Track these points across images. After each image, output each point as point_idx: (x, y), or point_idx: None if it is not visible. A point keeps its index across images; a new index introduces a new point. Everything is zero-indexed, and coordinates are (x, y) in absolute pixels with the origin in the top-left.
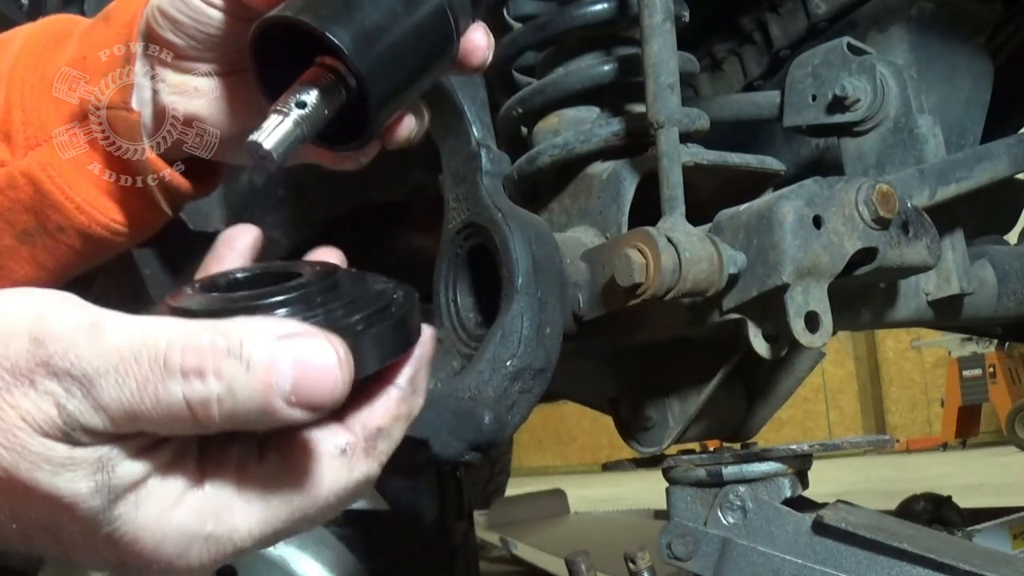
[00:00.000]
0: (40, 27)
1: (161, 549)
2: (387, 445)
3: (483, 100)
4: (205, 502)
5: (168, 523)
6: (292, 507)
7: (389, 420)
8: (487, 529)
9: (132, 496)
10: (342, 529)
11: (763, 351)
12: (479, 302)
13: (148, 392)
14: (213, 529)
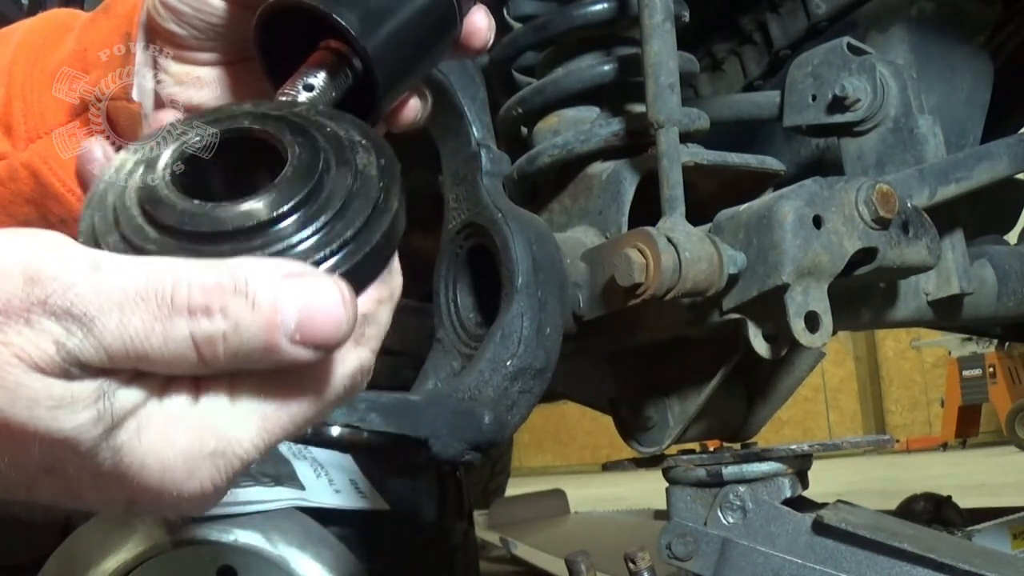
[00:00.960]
0: (40, 21)
1: (168, 474)
2: (375, 330)
3: (483, 100)
4: (203, 420)
5: (171, 446)
6: (290, 411)
7: (372, 304)
8: (487, 529)
9: (132, 422)
10: (342, 529)
11: (763, 351)
12: (479, 302)
13: (155, 331)
14: (216, 445)
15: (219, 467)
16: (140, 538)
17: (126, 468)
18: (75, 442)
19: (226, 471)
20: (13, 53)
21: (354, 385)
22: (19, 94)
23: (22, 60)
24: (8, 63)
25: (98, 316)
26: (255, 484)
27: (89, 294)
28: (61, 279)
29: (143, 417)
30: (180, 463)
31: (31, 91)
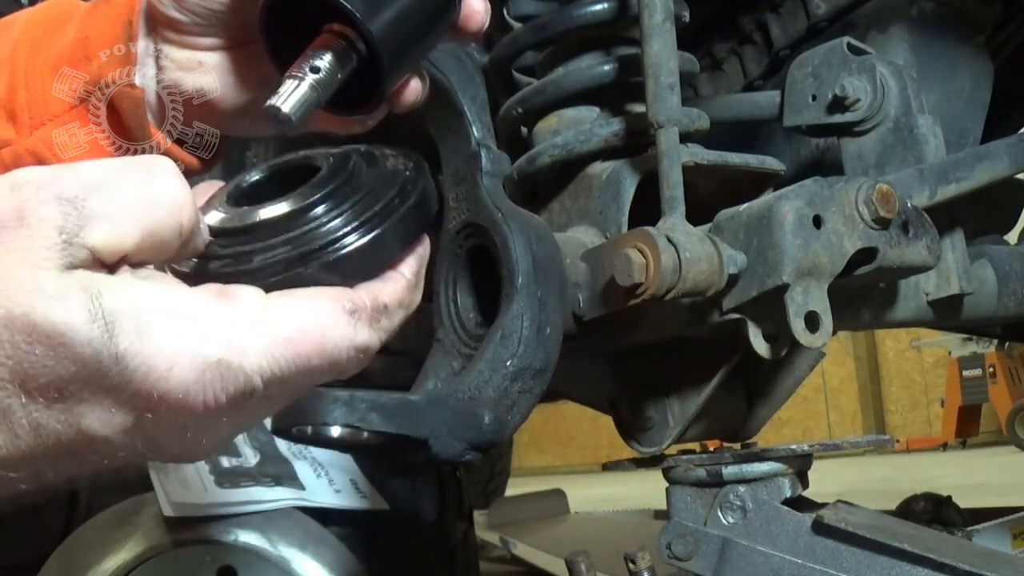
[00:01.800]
0: (39, 11)
1: (176, 375)
2: (388, 323)
3: (483, 100)
4: (212, 326)
5: (177, 345)
6: (298, 349)
7: (394, 302)
8: (487, 529)
9: (130, 326)
10: (342, 529)
11: (763, 351)
12: (479, 302)
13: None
14: (224, 354)
15: (224, 378)
16: (140, 538)
17: (132, 372)
18: (76, 345)
19: (231, 385)
20: (15, 42)
21: (358, 361)
22: (22, 82)
23: (24, 48)
24: (10, 52)
25: (88, 195)
26: (255, 484)
27: (72, 180)
28: (41, 177)
29: (142, 320)
30: (187, 364)
31: (34, 79)
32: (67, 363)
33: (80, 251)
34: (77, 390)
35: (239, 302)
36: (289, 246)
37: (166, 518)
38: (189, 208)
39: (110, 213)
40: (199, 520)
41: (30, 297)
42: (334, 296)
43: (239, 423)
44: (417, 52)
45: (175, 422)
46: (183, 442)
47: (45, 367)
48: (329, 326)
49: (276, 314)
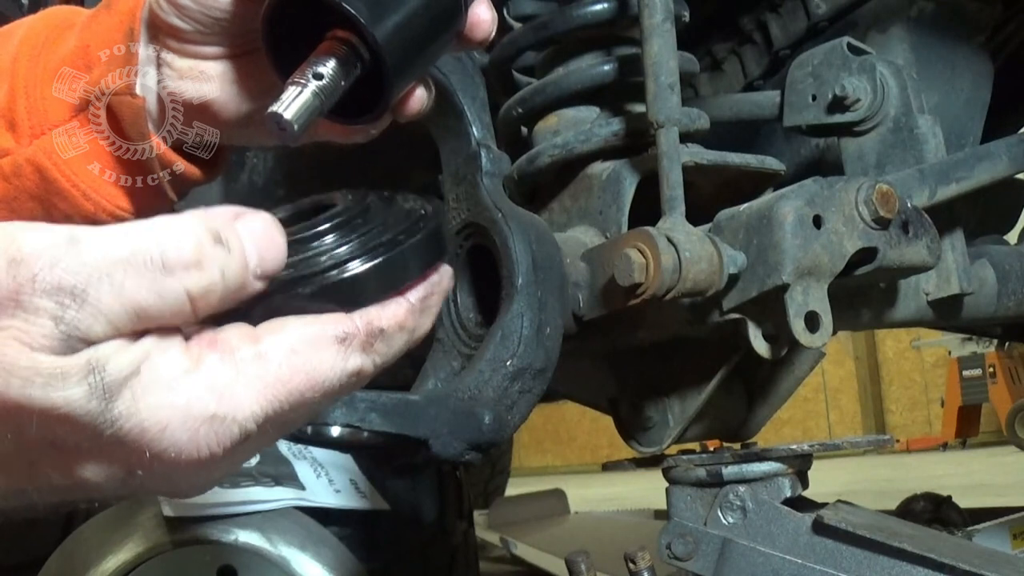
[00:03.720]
0: (42, 17)
1: (168, 436)
2: (385, 348)
3: (483, 100)
4: (203, 383)
5: (169, 407)
6: (290, 387)
7: (393, 326)
8: (487, 529)
9: (127, 392)
10: (342, 529)
11: (763, 351)
12: (479, 302)
13: (151, 289)
14: (216, 409)
15: (218, 432)
16: (140, 538)
17: (126, 434)
18: (71, 416)
19: (225, 438)
20: (16, 50)
21: (350, 385)
22: (22, 91)
23: (25, 57)
24: (11, 60)
25: (88, 286)
26: (255, 484)
27: (75, 266)
28: (43, 256)
29: (138, 385)
30: (179, 424)
31: (34, 88)
32: (64, 433)
33: (78, 343)
34: (72, 445)
35: (229, 351)
36: (291, 269)
37: (166, 518)
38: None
39: (111, 309)
40: (199, 520)
41: (27, 376)
42: (323, 324)
43: (233, 466)
44: (423, 60)
45: (167, 475)
46: (179, 488)
47: (42, 437)
48: (319, 359)
49: (265, 356)
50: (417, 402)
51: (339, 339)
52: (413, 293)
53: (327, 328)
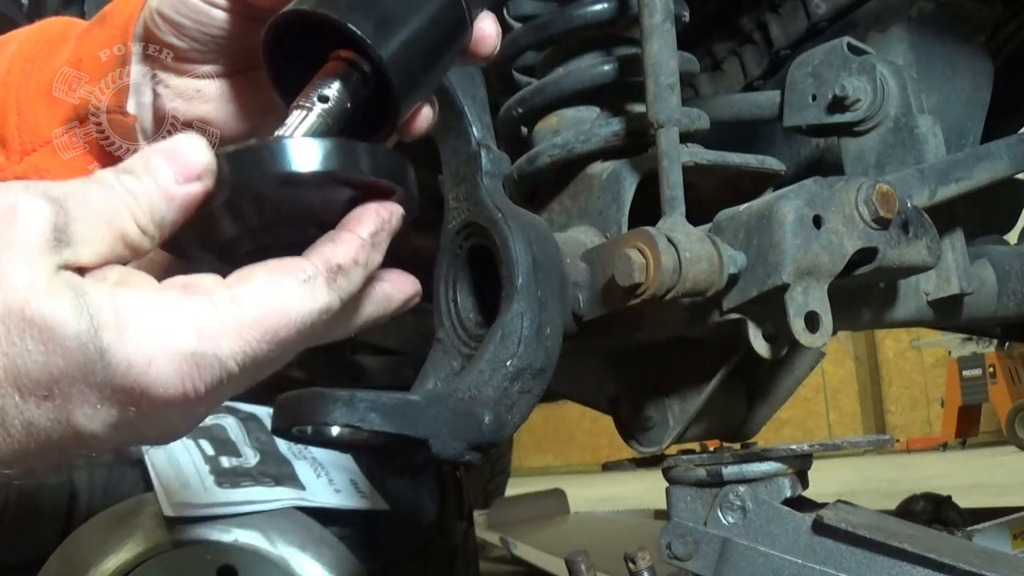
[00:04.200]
0: (36, 30)
1: (154, 370)
2: (346, 283)
3: (483, 100)
4: (184, 319)
5: (153, 341)
6: (265, 326)
7: (348, 261)
8: (487, 529)
9: (112, 321)
10: (342, 529)
11: (763, 351)
12: (479, 302)
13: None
14: (196, 346)
15: (200, 369)
16: (140, 538)
17: (115, 368)
18: (65, 339)
19: (207, 375)
20: (8, 63)
21: (322, 324)
22: (14, 106)
23: (17, 71)
24: (3, 74)
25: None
26: (255, 484)
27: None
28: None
29: (121, 320)
30: (163, 359)
31: (26, 104)
32: (56, 358)
33: (67, 249)
34: (66, 386)
35: (205, 293)
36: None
37: (166, 518)
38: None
39: (82, 218)
40: (199, 520)
41: (24, 292)
42: (287, 269)
43: (213, 406)
44: (429, 79)
45: (157, 414)
46: (164, 429)
47: (36, 362)
48: (290, 298)
49: (240, 299)
50: (417, 402)
51: (303, 279)
52: (362, 228)
53: (292, 271)
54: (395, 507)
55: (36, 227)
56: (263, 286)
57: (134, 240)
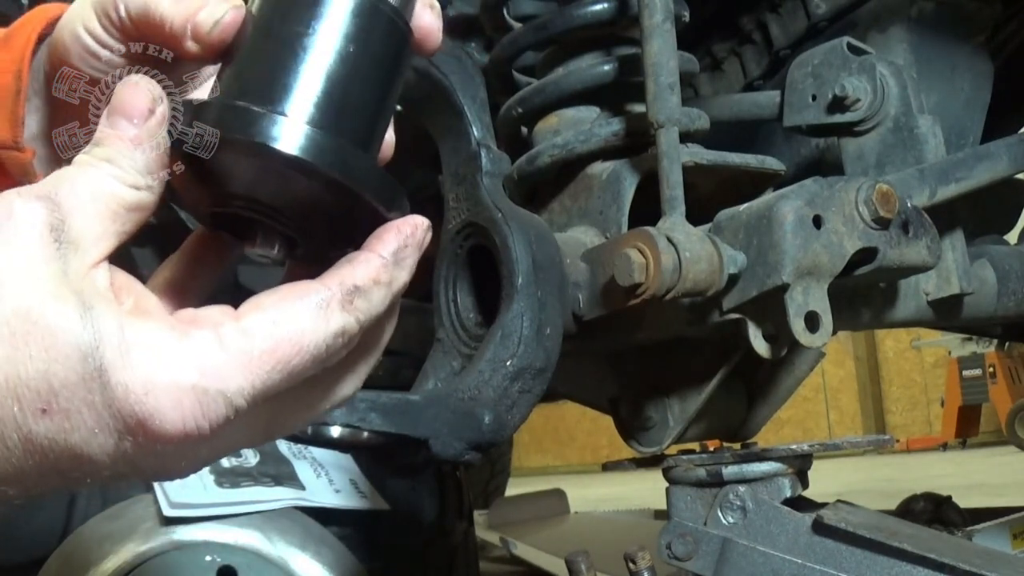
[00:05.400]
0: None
1: (152, 401)
2: (365, 304)
3: (483, 100)
4: (187, 353)
5: (153, 370)
6: (277, 357)
7: (368, 282)
8: (487, 529)
9: (114, 342)
10: (342, 529)
11: (763, 351)
12: (479, 302)
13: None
14: (199, 380)
15: (203, 404)
16: (140, 538)
17: (112, 391)
18: (66, 348)
19: (211, 412)
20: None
21: (336, 348)
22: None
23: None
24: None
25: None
26: (255, 484)
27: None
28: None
29: (124, 344)
30: (162, 391)
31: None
32: (57, 366)
33: (70, 250)
34: (64, 401)
35: (211, 327)
36: None
37: (166, 518)
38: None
39: (75, 206)
40: (199, 520)
41: (32, 297)
42: (300, 293)
43: (223, 446)
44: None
45: (155, 449)
46: (163, 466)
47: (37, 370)
48: (302, 325)
49: (248, 330)
50: (417, 402)
51: (317, 303)
52: (384, 248)
53: (304, 295)
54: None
55: (36, 231)
56: (273, 314)
57: (132, 200)
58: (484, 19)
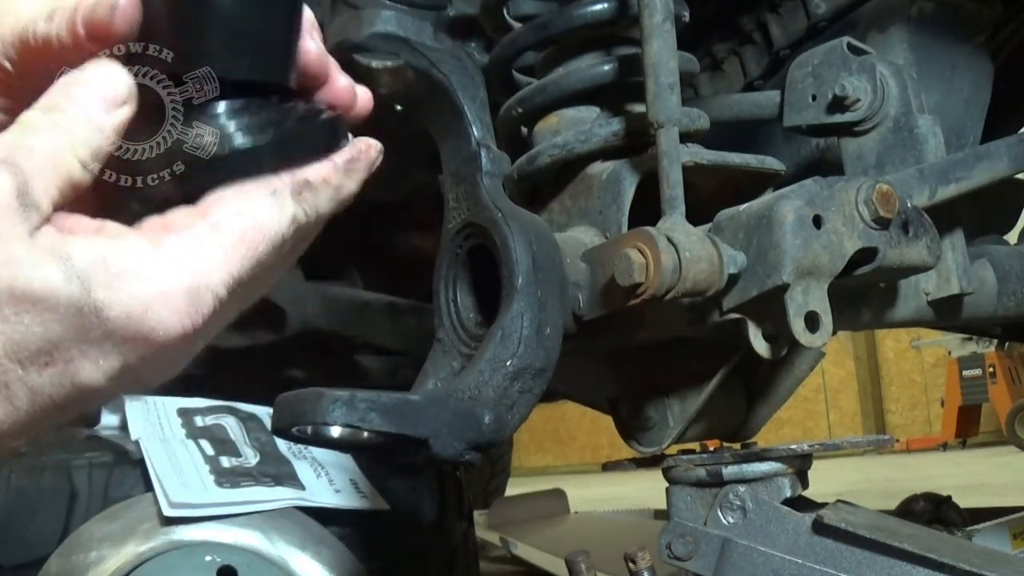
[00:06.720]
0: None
1: (153, 315)
2: (313, 198)
3: (483, 100)
4: (170, 259)
5: (146, 287)
6: (246, 246)
7: (318, 179)
8: (487, 529)
9: (102, 279)
10: (342, 529)
11: (763, 351)
12: (479, 302)
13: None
14: (190, 281)
15: (195, 303)
16: (140, 538)
17: (113, 323)
18: (58, 304)
19: (203, 307)
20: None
21: (292, 235)
22: None
23: None
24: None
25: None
26: (255, 484)
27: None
28: None
29: (111, 274)
30: (160, 303)
31: None
32: (54, 325)
33: (33, 211)
34: (66, 349)
35: (184, 227)
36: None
37: (166, 518)
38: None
39: (34, 171)
40: (199, 520)
41: (8, 269)
42: (254, 185)
43: (211, 334)
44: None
45: (159, 355)
46: (165, 370)
47: (34, 333)
48: (261, 212)
49: (217, 224)
50: (417, 402)
51: (270, 192)
52: (338, 155)
53: (259, 186)
54: (395, 507)
55: (4, 200)
56: (235, 205)
57: (78, 178)
58: (484, 19)
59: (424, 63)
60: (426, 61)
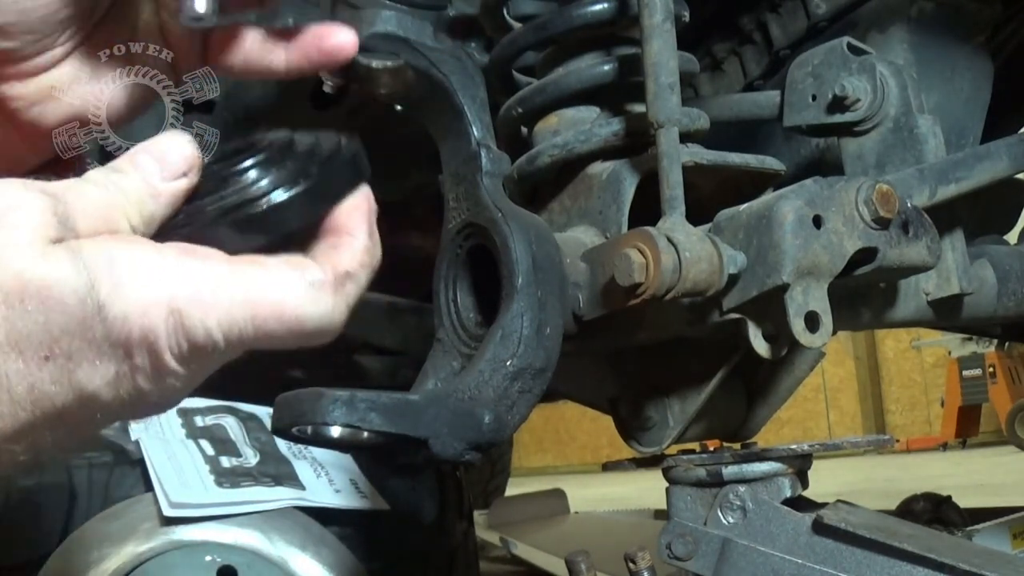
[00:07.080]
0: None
1: (148, 324)
2: (354, 288)
3: (483, 100)
4: (179, 279)
5: (148, 296)
6: (255, 312)
7: (356, 266)
8: (487, 529)
9: (108, 278)
10: (342, 529)
11: (763, 351)
12: (479, 302)
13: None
14: (185, 305)
15: (185, 328)
16: (140, 538)
17: (111, 323)
18: (64, 298)
19: (192, 335)
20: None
21: (321, 327)
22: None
23: None
24: None
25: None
26: (255, 484)
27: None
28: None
29: (116, 272)
30: (155, 312)
31: None
32: (56, 315)
33: (68, 232)
34: (66, 345)
35: (204, 259)
36: (218, 203)
37: (166, 518)
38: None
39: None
40: (199, 520)
41: (21, 263)
42: (295, 266)
43: (199, 374)
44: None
45: (152, 368)
46: (160, 388)
47: (36, 323)
48: (287, 294)
49: (238, 276)
50: (417, 402)
51: (310, 283)
52: (358, 230)
53: (300, 272)
54: (395, 507)
55: (36, 215)
56: (266, 274)
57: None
58: (484, 19)
59: (424, 63)
60: (426, 61)
